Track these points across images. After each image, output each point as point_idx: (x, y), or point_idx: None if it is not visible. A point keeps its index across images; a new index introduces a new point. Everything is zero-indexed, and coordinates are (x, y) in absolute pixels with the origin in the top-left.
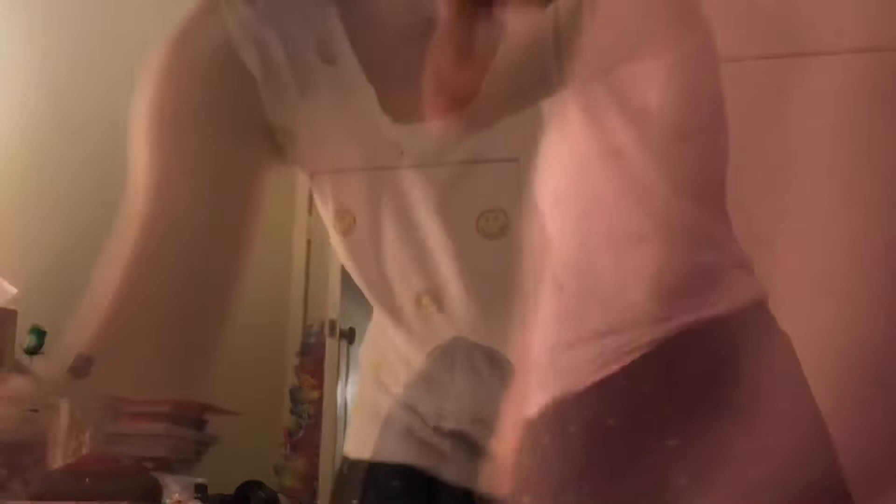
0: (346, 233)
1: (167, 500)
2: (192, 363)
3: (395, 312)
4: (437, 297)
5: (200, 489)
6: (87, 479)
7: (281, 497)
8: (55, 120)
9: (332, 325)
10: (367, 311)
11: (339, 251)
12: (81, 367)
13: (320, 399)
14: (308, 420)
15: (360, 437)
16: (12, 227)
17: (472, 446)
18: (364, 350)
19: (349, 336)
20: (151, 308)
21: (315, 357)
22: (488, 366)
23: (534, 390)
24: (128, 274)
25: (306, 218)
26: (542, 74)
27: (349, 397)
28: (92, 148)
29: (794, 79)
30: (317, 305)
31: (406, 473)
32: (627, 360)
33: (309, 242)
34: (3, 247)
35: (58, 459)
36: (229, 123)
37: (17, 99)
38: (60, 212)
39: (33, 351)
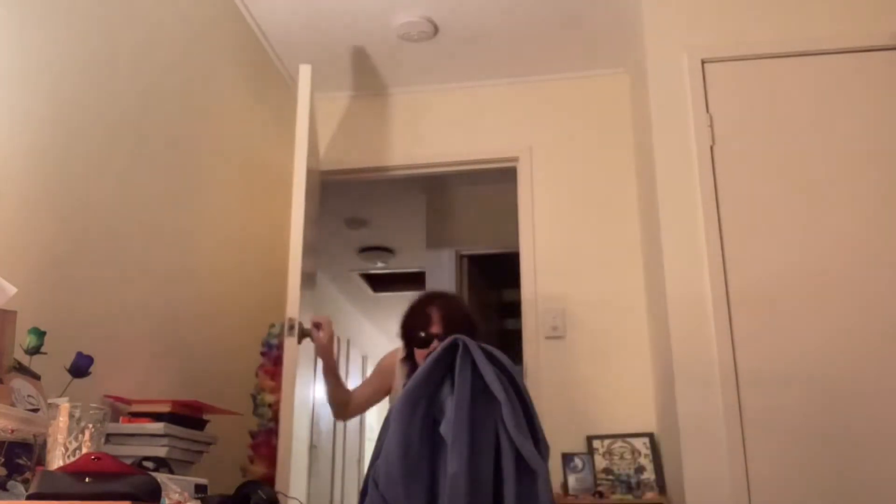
0: None
1: (167, 500)
2: None
3: None
4: None
5: (200, 489)
6: (87, 479)
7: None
8: (55, 120)
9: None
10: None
11: None
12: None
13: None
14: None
15: None
16: (12, 227)
17: None
18: None
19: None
20: None
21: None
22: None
23: None
24: None
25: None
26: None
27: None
28: (92, 148)
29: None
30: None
31: None
32: None
33: None
34: (3, 247)
35: (58, 459)
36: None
37: (17, 99)
38: (60, 212)
39: (33, 351)
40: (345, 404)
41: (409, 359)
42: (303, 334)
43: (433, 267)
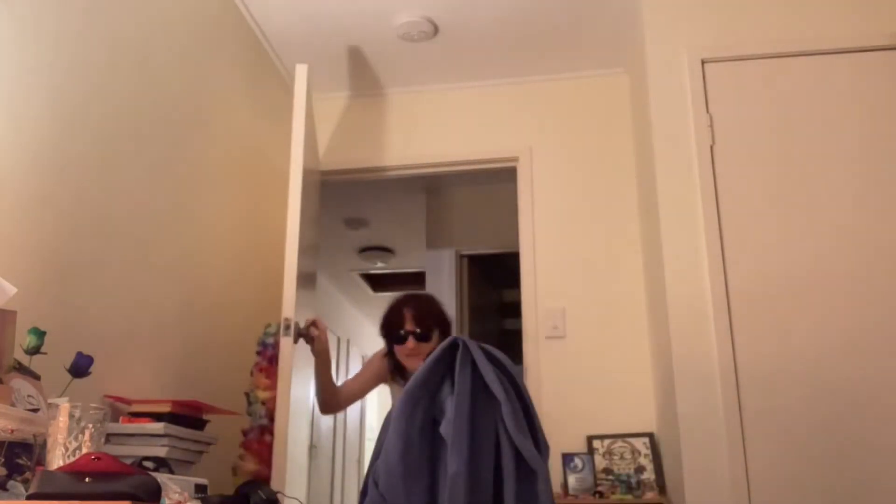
0: None
1: (167, 500)
2: None
3: None
4: None
5: (200, 489)
6: (87, 479)
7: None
8: (55, 120)
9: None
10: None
11: None
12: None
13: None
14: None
15: None
16: (12, 227)
17: None
18: None
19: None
20: None
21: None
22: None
23: None
24: None
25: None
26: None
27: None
28: (91, 148)
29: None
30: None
31: None
32: None
33: None
34: (3, 247)
35: (58, 459)
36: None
37: (17, 99)
38: (60, 211)
39: (33, 351)
40: (333, 399)
41: (391, 355)
42: (299, 335)
43: (433, 267)
